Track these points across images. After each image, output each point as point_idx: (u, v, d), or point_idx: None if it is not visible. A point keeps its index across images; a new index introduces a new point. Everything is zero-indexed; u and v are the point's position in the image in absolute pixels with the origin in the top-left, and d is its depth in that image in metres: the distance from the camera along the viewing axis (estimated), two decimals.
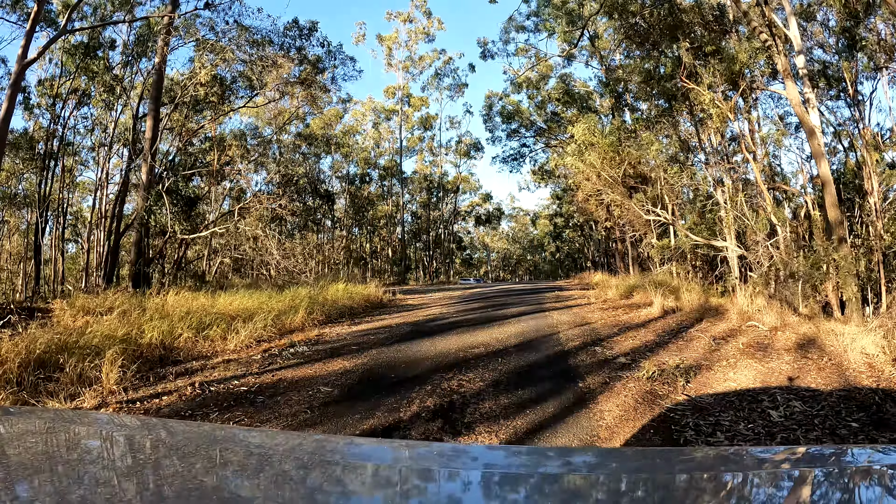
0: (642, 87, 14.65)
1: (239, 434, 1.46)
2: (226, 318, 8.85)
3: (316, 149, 34.72)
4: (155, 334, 7.06)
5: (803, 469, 1.06)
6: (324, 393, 4.59)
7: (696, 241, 10.87)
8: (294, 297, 11.24)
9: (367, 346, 6.84)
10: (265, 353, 6.93)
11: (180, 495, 0.86)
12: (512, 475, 1.03)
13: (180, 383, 5.45)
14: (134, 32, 19.49)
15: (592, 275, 32.05)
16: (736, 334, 7.67)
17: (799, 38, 14.56)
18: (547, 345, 6.54)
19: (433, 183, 43.78)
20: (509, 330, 7.79)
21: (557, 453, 1.47)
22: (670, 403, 4.09)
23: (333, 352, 6.69)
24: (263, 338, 7.99)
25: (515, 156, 33.23)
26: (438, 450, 1.54)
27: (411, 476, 1.01)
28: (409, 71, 38.97)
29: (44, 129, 22.59)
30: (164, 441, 1.21)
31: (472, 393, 4.37)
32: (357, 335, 8.05)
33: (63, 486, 0.87)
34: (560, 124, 29.27)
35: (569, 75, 30.62)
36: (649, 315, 9.80)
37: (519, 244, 66.17)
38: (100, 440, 1.19)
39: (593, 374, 4.98)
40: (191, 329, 7.66)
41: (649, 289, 11.15)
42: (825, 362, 5.87)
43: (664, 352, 6.20)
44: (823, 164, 13.25)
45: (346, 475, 1.00)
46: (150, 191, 13.44)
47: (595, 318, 9.23)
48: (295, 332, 8.53)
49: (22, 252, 26.59)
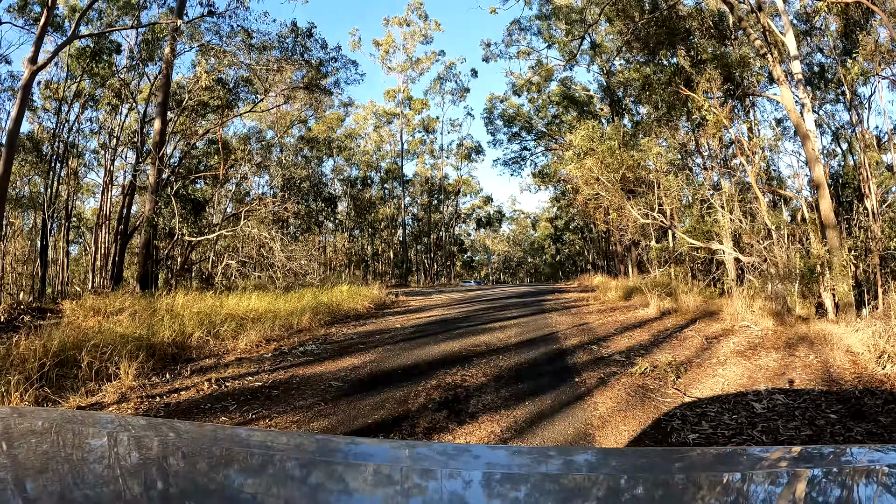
0: (642, 92, 14.96)
1: (241, 434, 1.49)
2: (235, 318, 9.10)
3: (318, 152, 35.06)
4: (167, 333, 7.28)
5: (802, 469, 1.07)
6: (335, 387, 4.87)
7: (693, 244, 11.15)
8: (300, 298, 11.52)
9: (373, 345, 7.11)
10: (275, 352, 7.18)
11: (183, 495, 0.87)
12: (513, 475, 1.04)
13: (196, 379, 5.70)
14: (140, 38, 19.81)
15: (592, 277, 32.31)
16: (728, 334, 7.93)
17: (794, 44, 14.79)
18: (546, 344, 6.83)
19: (434, 186, 44.12)
20: (510, 331, 8.07)
21: (559, 453, 1.49)
22: (660, 396, 4.37)
23: (342, 350, 6.96)
24: (273, 337, 8.25)
25: (516, 159, 33.56)
26: (440, 449, 1.55)
27: (413, 475, 1.02)
28: (408, 73, 39.31)
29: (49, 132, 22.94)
30: (168, 441, 1.22)
31: (475, 386, 4.65)
32: (363, 335, 8.32)
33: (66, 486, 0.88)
34: (561, 127, 29.60)
35: (569, 79, 30.97)
36: (646, 316, 10.07)
37: (520, 247, 66.41)
38: (103, 440, 1.19)
39: (589, 371, 5.26)
40: (202, 329, 7.90)
41: (647, 291, 11.43)
42: (811, 360, 6.13)
43: (658, 350, 6.48)
44: (817, 168, 13.50)
45: (348, 475, 1.01)
46: (159, 193, 13.74)
47: (593, 320, 9.51)
48: (303, 332, 8.79)
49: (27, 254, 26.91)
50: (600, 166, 11.11)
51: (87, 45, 20.04)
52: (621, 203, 11.18)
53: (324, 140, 34.00)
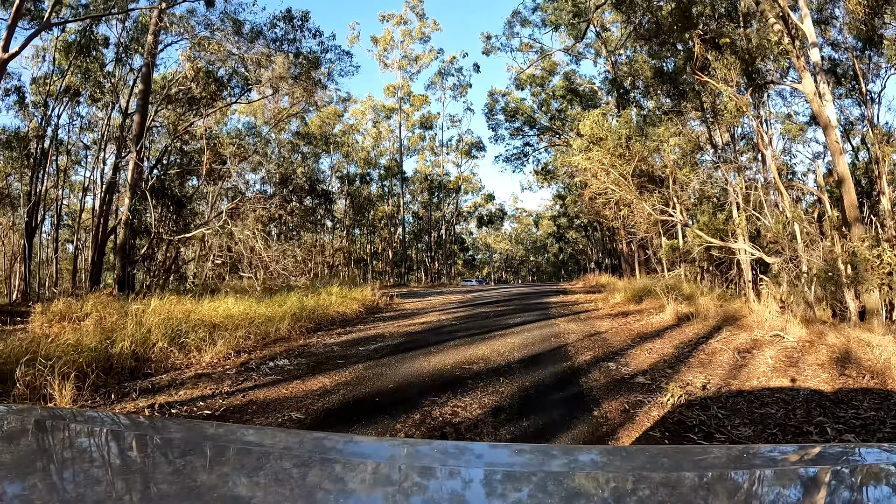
0: (652, 82, 13.99)
1: (238, 432, 1.45)
2: (207, 325, 8.29)
3: (315, 148, 34.14)
4: (126, 344, 6.52)
5: (811, 468, 1.04)
6: (294, 420, 3.94)
7: (711, 242, 10.18)
8: (284, 302, 10.62)
9: (353, 360, 6.18)
10: (242, 367, 6.31)
11: (179, 493, 0.83)
12: (515, 473, 1.00)
13: (142, 403, 4.83)
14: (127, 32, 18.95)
15: (597, 277, 31.39)
16: (760, 346, 7.00)
17: (813, 31, 13.97)
18: (554, 360, 5.87)
19: (434, 183, 43.13)
20: (512, 341, 7.12)
21: (561, 451, 1.45)
22: (704, 439, 3.42)
23: (316, 366, 6.05)
24: (245, 348, 7.37)
25: (518, 155, 32.62)
26: (440, 447, 1.49)
27: (412, 474, 0.98)
28: (407, 70, 38.33)
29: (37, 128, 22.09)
30: (163, 439, 1.20)
31: (468, 424, 3.71)
32: (346, 345, 7.40)
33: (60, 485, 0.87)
34: (564, 122, 28.60)
35: (573, 73, 29.98)
36: (662, 322, 9.12)
37: (522, 245, 65.60)
38: (98, 438, 1.17)
39: (609, 399, 4.31)
40: (167, 338, 7.10)
41: (661, 294, 10.48)
42: (867, 381, 5.20)
43: (686, 369, 5.53)
44: (841, 161, 12.58)
45: (346, 473, 0.98)
46: (136, 189, 12.84)
47: (605, 327, 8.55)
48: (280, 342, 7.90)
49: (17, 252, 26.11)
50: (611, 157, 10.13)
51: (76, 39, 19.24)
52: (634, 198, 10.20)
53: (320, 136, 33.05)
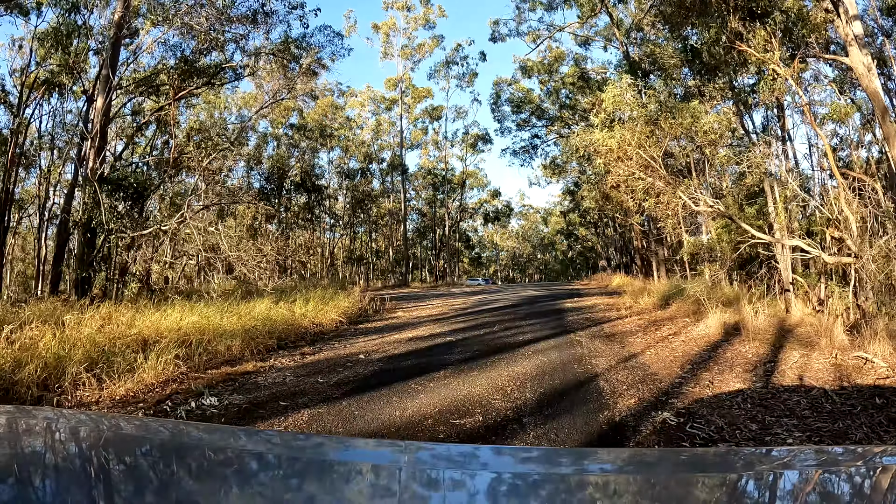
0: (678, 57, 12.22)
1: (237, 434, 1.41)
2: (146, 341, 6.72)
3: (312, 142, 32.54)
4: (31, 368, 5.10)
5: (810, 469, 1.04)
6: None
7: (761, 238, 8.40)
8: (251, 310, 8.96)
9: (303, 401, 4.48)
10: (158, 404, 4.70)
11: (177, 495, 0.83)
12: (517, 475, 1.01)
13: None
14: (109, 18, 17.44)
15: (610, 276, 29.53)
16: (849, 376, 5.25)
17: (855, 2, 12.27)
18: (584, 407, 4.10)
19: (438, 178, 41.38)
20: (521, 370, 5.38)
21: (565, 455, 1.43)
22: None
23: (252, 408, 4.37)
24: (176, 376, 5.74)
25: (526, 147, 30.90)
26: (443, 451, 1.44)
27: (415, 477, 0.98)
28: (411, 58, 36.54)
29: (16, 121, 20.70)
30: (162, 441, 1.19)
31: None
32: (304, 373, 5.71)
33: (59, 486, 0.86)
34: (575, 111, 26.78)
35: (584, 57, 28.14)
36: (708, 337, 7.36)
37: (529, 242, 63.82)
38: (97, 440, 1.17)
39: None
40: (88, 361, 5.56)
41: (700, 298, 8.71)
42: None
43: (773, 420, 3.79)
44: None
45: (347, 476, 0.97)
46: (92, 182, 11.23)
47: (640, 346, 6.77)
48: (225, 365, 6.23)
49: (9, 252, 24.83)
50: (639, 136, 8.38)
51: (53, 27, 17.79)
52: (665, 184, 8.45)
53: (317, 128, 31.42)
